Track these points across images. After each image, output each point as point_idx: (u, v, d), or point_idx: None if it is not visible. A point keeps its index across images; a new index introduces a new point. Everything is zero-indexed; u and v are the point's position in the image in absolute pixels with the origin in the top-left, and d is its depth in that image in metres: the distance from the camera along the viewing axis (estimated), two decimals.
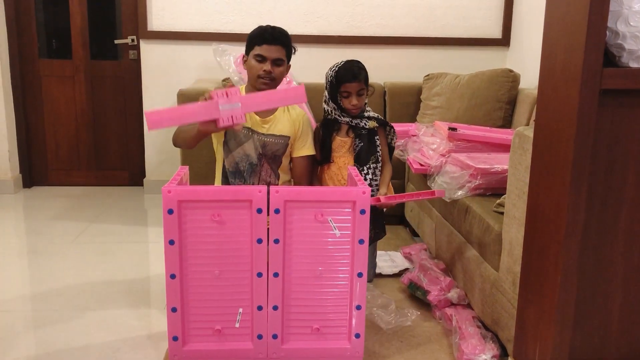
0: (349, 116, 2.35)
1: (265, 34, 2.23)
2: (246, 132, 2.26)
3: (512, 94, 3.39)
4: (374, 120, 2.37)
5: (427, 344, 2.06)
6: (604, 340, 1.60)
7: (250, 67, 2.26)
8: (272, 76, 2.22)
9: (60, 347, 2.02)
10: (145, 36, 3.89)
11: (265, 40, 2.22)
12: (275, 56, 2.22)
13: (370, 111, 2.42)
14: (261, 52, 2.22)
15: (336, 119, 2.36)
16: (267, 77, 2.22)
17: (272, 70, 2.22)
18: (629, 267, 1.55)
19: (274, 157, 2.31)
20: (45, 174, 4.31)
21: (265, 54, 2.22)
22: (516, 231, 1.80)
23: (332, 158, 2.38)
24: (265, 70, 2.21)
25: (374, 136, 2.37)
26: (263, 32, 2.24)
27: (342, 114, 2.35)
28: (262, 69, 2.21)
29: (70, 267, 2.76)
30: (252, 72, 2.25)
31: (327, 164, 2.39)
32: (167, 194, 1.74)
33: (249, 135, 2.26)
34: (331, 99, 2.35)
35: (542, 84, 1.58)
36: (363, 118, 2.36)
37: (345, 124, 2.36)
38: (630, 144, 1.47)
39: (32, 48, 4.12)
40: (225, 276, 1.83)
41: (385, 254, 2.85)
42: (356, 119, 2.35)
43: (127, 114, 4.27)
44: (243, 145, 2.27)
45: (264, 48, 2.22)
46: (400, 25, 3.92)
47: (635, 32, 1.37)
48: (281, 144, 2.31)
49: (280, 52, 2.24)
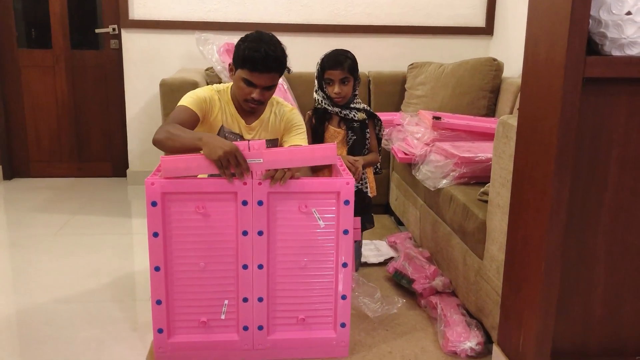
0: (337, 106, 2.34)
1: (258, 65, 1.92)
2: (235, 138, 2.09)
3: (495, 82, 3.40)
4: (362, 112, 2.36)
5: (412, 332, 2.08)
6: (586, 327, 1.62)
7: (237, 85, 2.01)
8: (261, 101, 2.01)
9: (44, 340, 2.01)
10: (127, 25, 3.84)
11: (258, 70, 1.93)
12: (267, 84, 1.98)
13: (360, 103, 2.40)
14: (251, 79, 1.95)
15: (326, 109, 2.35)
16: (255, 103, 2.01)
17: (262, 97, 1.99)
18: (612, 255, 1.56)
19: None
20: (27, 166, 4.25)
21: (256, 82, 1.96)
22: (500, 219, 1.81)
23: None
24: (253, 98, 1.99)
25: (365, 129, 2.37)
26: (255, 61, 1.92)
27: (330, 103, 2.34)
28: (251, 95, 1.98)
29: (53, 259, 2.73)
30: (239, 92, 2.01)
31: None
32: (151, 186, 1.72)
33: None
34: (319, 87, 2.34)
35: (526, 73, 1.58)
36: (352, 109, 2.34)
37: (334, 114, 2.35)
38: (613, 132, 1.48)
39: (10, 38, 4.04)
40: (211, 268, 1.82)
41: (370, 243, 2.86)
42: (345, 109, 2.33)
43: (109, 104, 4.22)
44: None
45: (254, 76, 1.94)
46: (385, 14, 3.91)
47: (617, 20, 1.37)
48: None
49: (272, 80, 1.99)
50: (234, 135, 2.11)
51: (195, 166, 1.73)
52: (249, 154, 1.72)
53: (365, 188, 2.38)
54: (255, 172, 1.73)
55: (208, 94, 2.05)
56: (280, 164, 1.74)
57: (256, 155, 1.72)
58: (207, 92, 2.06)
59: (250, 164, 1.72)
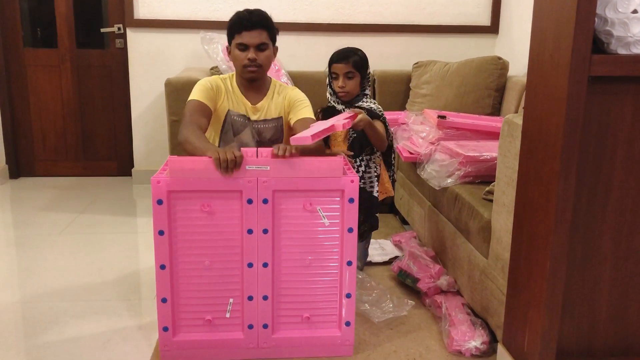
0: (344, 104, 2.34)
1: (243, 21, 2.13)
2: (243, 120, 2.22)
3: (501, 81, 3.39)
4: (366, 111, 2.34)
5: (417, 331, 2.08)
6: (592, 326, 1.61)
7: (234, 58, 2.18)
8: (258, 63, 2.14)
9: (50, 339, 2.01)
10: (132, 24, 3.85)
11: (244, 27, 2.12)
12: (257, 42, 2.13)
13: (369, 102, 2.37)
14: (242, 40, 2.13)
15: (334, 106, 2.35)
16: (253, 65, 2.14)
17: (257, 57, 2.13)
18: (617, 254, 1.56)
19: (271, 144, 2.26)
20: (32, 165, 4.27)
21: (247, 41, 2.13)
22: (505, 218, 1.80)
23: (329, 145, 2.37)
24: (249, 59, 2.13)
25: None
26: (240, 19, 2.14)
27: (338, 100, 2.34)
28: (247, 57, 2.13)
29: (59, 258, 2.74)
30: (237, 63, 2.17)
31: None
32: (157, 184, 1.73)
33: (245, 124, 2.23)
34: (329, 83, 2.35)
35: (531, 71, 1.58)
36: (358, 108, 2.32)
37: (341, 111, 2.34)
38: (618, 131, 1.48)
39: (16, 37, 4.06)
40: (216, 266, 1.82)
41: (375, 242, 2.86)
42: (351, 107, 2.32)
43: (115, 103, 4.23)
44: (240, 135, 2.23)
45: (244, 35, 2.12)
46: (390, 13, 3.91)
47: (623, 18, 1.37)
48: (275, 128, 2.26)
49: (262, 36, 2.14)
50: (240, 117, 2.21)
51: (203, 168, 1.74)
52: (256, 161, 1.74)
53: (370, 187, 2.36)
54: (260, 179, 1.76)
55: (214, 82, 2.20)
56: (286, 172, 1.76)
57: (263, 163, 1.75)
58: (212, 80, 2.21)
59: (257, 171, 1.75)
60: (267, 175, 1.75)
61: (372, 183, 2.36)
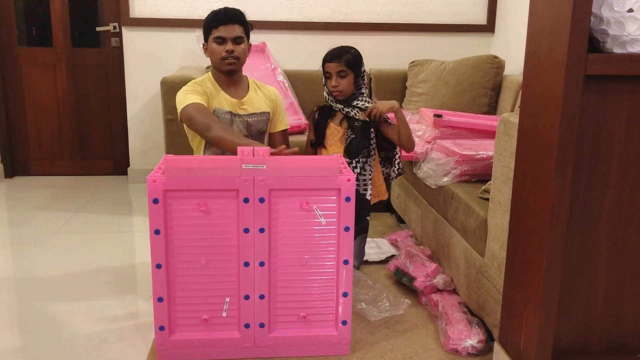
0: (341, 103, 2.32)
1: (220, 15, 2.25)
2: (229, 116, 2.27)
3: (497, 80, 3.40)
4: (364, 112, 2.33)
5: (413, 330, 2.08)
6: (588, 324, 1.62)
7: (212, 52, 2.28)
8: (235, 55, 2.25)
9: (46, 338, 2.01)
10: (128, 23, 3.84)
11: (222, 22, 2.24)
12: (234, 35, 2.25)
13: (365, 101, 2.30)
14: (219, 33, 2.24)
15: (331, 106, 2.34)
16: (231, 57, 2.25)
17: (234, 49, 2.25)
18: (614, 252, 1.56)
19: (259, 135, 2.36)
20: (28, 164, 4.26)
21: (224, 34, 2.24)
22: (501, 217, 1.81)
23: (325, 144, 2.36)
24: (227, 51, 2.24)
25: (368, 130, 2.32)
26: (217, 14, 2.26)
27: (334, 99, 2.33)
28: (225, 49, 2.24)
29: (55, 257, 2.74)
30: (215, 56, 2.27)
31: (319, 148, 2.37)
32: (152, 183, 1.72)
33: (232, 120, 2.26)
34: (325, 83, 2.34)
35: (527, 70, 1.58)
36: (355, 107, 2.30)
37: (338, 111, 2.33)
38: (614, 130, 1.48)
39: (11, 36, 4.05)
40: (212, 266, 1.82)
41: (371, 241, 2.86)
42: (348, 107, 2.30)
43: (110, 102, 4.22)
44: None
45: (221, 29, 2.24)
46: (386, 12, 3.91)
47: (619, 17, 1.37)
48: (264, 120, 2.37)
49: (238, 30, 2.26)
50: (227, 114, 2.27)
51: (197, 167, 1.74)
52: (252, 160, 1.74)
53: (363, 190, 2.34)
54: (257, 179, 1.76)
55: (200, 86, 2.26)
56: (283, 172, 1.77)
57: (260, 162, 1.74)
58: (198, 85, 2.26)
59: (252, 170, 1.76)
60: (264, 174, 1.75)
61: (365, 185, 2.33)
